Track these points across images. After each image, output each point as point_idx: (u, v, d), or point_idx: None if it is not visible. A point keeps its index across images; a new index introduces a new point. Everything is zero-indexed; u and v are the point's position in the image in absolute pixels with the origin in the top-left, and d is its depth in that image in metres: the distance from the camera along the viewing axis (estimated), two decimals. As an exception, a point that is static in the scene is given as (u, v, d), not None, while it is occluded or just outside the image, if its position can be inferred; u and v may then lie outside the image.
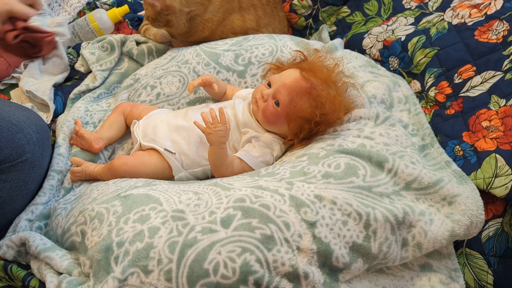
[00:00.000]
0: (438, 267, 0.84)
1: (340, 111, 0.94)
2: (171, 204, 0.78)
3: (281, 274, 0.71)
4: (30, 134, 0.89)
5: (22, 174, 0.88)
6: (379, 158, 0.85)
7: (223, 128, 0.89)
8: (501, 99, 0.93)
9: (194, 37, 1.22)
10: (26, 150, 0.88)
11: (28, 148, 0.88)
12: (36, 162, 0.90)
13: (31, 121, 0.92)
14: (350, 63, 1.13)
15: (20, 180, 0.88)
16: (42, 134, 0.93)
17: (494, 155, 0.87)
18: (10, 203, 0.89)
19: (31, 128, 0.90)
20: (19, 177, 0.88)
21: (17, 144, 0.86)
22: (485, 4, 1.07)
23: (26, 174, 0.89)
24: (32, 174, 0.90)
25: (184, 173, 0.98)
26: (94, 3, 1.39)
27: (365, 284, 0.80)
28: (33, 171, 0.90)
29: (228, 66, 1.13)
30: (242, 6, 1.24)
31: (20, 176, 0.88)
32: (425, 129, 1.02)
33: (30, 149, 0.88)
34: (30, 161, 0.89)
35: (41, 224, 0.91)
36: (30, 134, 0.89)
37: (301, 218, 0.75)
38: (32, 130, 0.90)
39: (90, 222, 0.79)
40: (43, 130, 0.94)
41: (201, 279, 0.69)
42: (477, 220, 0.80)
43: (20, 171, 0.88)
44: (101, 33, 1.32)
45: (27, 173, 0.89)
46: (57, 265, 0.78)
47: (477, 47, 1.02)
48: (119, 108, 1.08)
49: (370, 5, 1.30)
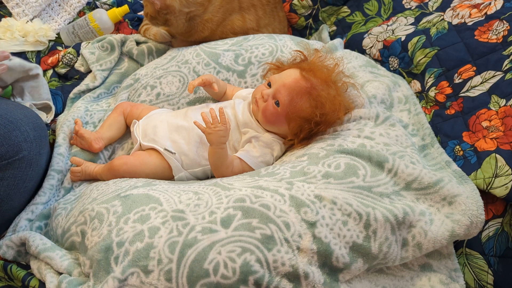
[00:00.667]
0: (438, 267, 0.84)
1: (340, 111, 0.94)
2: (171, 204, 0.78)
3: (281, 274, 0.71)
4: (27, 131, 0.89)
5: (19, 171, 0.88)
6: (379, 158, 0.85)
7: (223, 128, 0.89)
8: (501, 99, 0.93)
9: (194, 37, 1.22)
10: (23, 148, 0.87)
11: (25, 145, 0.88)
12: (33, 159, 0.90)
13: (28, 119, 0.92)
14: (350, 63, 1.13)
15: (17, 178, 0.88)
16: (39, 132, 0.93)
17: (494, 155, 0.87)
18: (8, 201, 0.89)
19: (28, 125, 0.90)
20: (16, 174, 0.88)
21: (14, 141, 0.86)
22: (485, 4, 1.07)
23: (23, 171, 0.89)
24: (29, 172, 0.90)
25: (184, 173, 0.98)
26: (94, 3, 1.39)
27: (365, 284, 0.80)
28: (30, 169, 0.90)
29: (228, 66, 1.13)
30: (242, 6, 1.24)
31: (17, 174, 0.88)
32: (425, 129, 1.02)
33: (27, 146, 0.88)
34: (27, 159, 0.88)
35: (41, 224, 0.91)
36: (27, 132, 0.89)
37: (301, 218, 0.75)
38: (29, 127, 0.90)
39: (90, 222, 0.79)
40: (40, 127, 0.94)
41: (201, 279, 0.69)
42: (477, 220, 0.80)
43: (17, 168, 0.87)
44: (101, 33, 1.32)
45: (24, 171, 0.89)
46: (57, 265, 0.78)
47: (477, 47, 1.02)
48: (119, 108, 1.08)
49: (370, 5, 1.30)
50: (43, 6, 1.31)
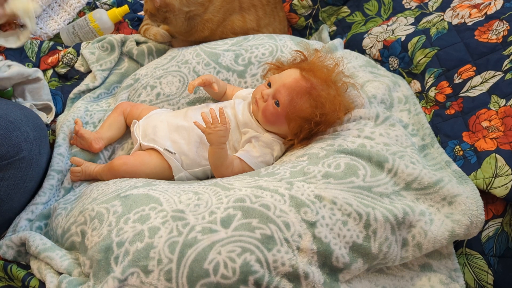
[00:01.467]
0: (438, 267, 0.84)
1: (340, 111, 0.94)
2: (171, 204, 0.78)
3: (281, 274, 0.71)
4: (27, 131, 0.89)
5: (19, 172, 0.88)
6: (379, 158, 0.85)
7: (223, 128, 0.89)
8: (501, 99, 0.93)
9: (194, 36, 1.22)
10: (23, 148, 0.87)
11: (25, 146, 0.88)
12: (33, 160, 0.90)
13: (28, 119, 0.92)
14: (350, 63, 1.13)
15: (17, 178, 0.88)
16: (39, 132, 0.93)
17: (494, 155, 0.87)
18: (8, 201, 0.89)
19: (28, 126, 0.90)
20: (16, 175, 0.88)
21: (14, 141, 0.86)
22: (485, 4, 1.07)
23: (24, 172, 0.89)
24: (29, 172, 0.90)
25: (184, 173, 0.98)
26: (94, 3, 1.39)
27: (365, 284, 0.80)
28: (31, 169, 0.90)
29: (228, 66, 1.13)
30: (242, 6, 1.24)
31: (18, 174, 0.88)
32: (425, 129, 1.02)
33: (27, 147, 0.88)
34: (27, 159, 0.88)
35: (41, 224, 0.91)
36: (27, 132, 0.89)
37: (301, 218, 0.75)
38: (29, 128, 0.90)
39: (90, 222, 0.79)
40: (40, 128, 0.94)
41: (201, 279, 0.69)
42: (477, 220, 0.80)
43: (18, 169, 0.87)
44: (101, 33, 1.32)
45: (25, 171, 0.89)
46: (57, 265, 0.78)
47: (477, 47, 1.02)
48: (119, 108, 1.08)
49: (370, 5, 1.30)
50: (43, 7, 1.32)
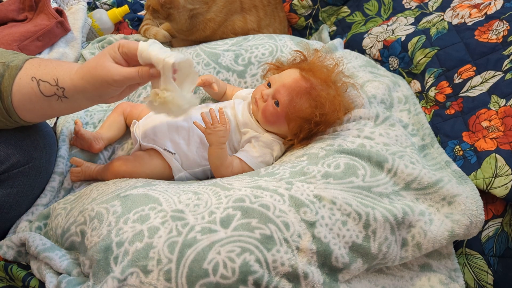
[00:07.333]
0: (438, 267, 0.84)
1: (340, 111, 0.94)
2: (170, 204, 0.78)
3: (281, 274, 0.71)
4: (37, 140, 0.89)
5: (28, 179, 0.88)
6: (378, 158, 0.85)
7: (223, 128, 0.89)
8: (501, 99, 0.93)
9: (194, 35, 1.22)
10: (34, 157, 0.87)
11: (35, 154, 0.88)
12: (42, 167, 0.90)
13: (37, 127, 0.91)
14: (350, 63, 1.14)
15: (26, 185, 0.88)
16: (48, 140, 0.93)
17: (494, 155, 0.87)
18: (17, 208, 0.89)
19: (37, 133, 0.90)
20: (25, 182, 0.88)
21: (24, 150, 0.86)
22: (485, 4, 1.07)
23: (33, 179, 0.89)
24: (38, 179, 0.90)
25: (184, 173, 0.98)
26: (94, 3, 1.40)
27: (364, 284, 0.80)
28: (40, 176, 0.90)
29: (228, 66, 1.13)
30: (244, 7, 1.24)
31: (27, 181, 0.88)
32: (425, 129, 1.02)
33: (37, 155, 0.88)
34: (37, 167, 0.88)
35: (41, 224, 0.91)
36: (37, 140, 0.89)
37: (301, 218, 0.75)
38: (39, 136, 0.90)
39: (89, 222, 0.79)
40: (50, 135, 0.94)
41: (201, 279, 0.69)
42: (477, 220, 0.80)
43: (27, 176, 0.87)
44: (101, 33, 1.32)
45: (34, 179, 0.89)
46: (56, 265, 0.78)
47: (477, 47, 1.02)
48: (119, 108, 1.09)
49: (370, 5, 1.30)
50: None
